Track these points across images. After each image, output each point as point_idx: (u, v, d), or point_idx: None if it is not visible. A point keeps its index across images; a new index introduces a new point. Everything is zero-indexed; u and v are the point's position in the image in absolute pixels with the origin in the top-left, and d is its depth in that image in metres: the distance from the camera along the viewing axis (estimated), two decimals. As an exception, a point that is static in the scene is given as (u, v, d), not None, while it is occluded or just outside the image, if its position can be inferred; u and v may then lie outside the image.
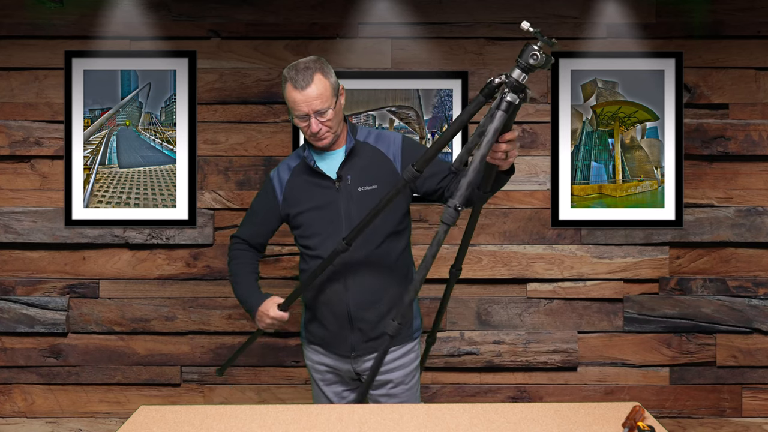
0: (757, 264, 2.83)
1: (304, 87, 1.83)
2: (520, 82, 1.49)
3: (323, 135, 1.89)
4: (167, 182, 2.81)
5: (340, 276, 1.93)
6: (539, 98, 2.83)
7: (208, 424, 1.38)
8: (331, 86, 1.87)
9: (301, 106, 1.84)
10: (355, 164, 1.94)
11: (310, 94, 1.82)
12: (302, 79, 1.83)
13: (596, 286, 2.83)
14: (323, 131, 1.88)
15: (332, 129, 1.90)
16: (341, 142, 1.98)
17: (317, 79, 1.83)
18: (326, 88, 1.85)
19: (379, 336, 1.94)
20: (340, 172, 1.92)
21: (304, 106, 1.84)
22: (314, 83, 1.83)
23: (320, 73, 1.85)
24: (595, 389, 2.84)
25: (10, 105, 2.81)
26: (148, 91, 2.82)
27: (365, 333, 1.94)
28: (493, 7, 2.83)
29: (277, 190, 2.03)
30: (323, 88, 1.84)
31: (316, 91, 1.83)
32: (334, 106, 1.87)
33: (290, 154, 2.13)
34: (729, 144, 2.82)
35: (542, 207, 2.83)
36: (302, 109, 1.84)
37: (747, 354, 2.83)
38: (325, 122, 1.87)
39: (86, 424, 2.83)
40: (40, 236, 2.81)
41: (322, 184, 1.94)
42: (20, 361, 2.82)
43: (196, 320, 2.83)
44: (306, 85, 1.82)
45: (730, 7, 2.82)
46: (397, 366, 1.98)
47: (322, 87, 1.84)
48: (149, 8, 2.81)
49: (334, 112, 1.88)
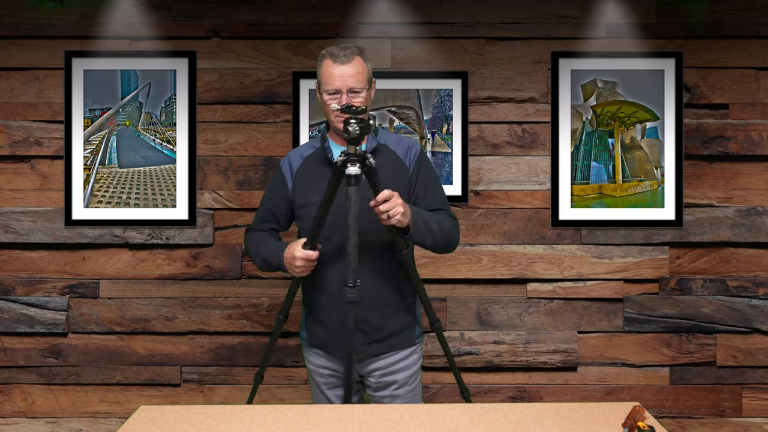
0: (757, 264, 2.83)
1: (344, 62, 1.85)
2: (355, 153, 1.74)
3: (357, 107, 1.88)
4: (167, 182, 2.81)
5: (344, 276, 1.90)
6: (539, 98, 2.83)
7: (208, 424, 1.38)
8: (368, 72, 1.91)
9: (335, 80, 1.85)
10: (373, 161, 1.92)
11: (348, 71, 1.85)
12: (343, 55, 1.86)
13: (596, 286, 2.83)
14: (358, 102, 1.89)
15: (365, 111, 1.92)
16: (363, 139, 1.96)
17: (357, 60, 1.87)
18: (364, 71, 1.89)
19: (383, 339, 1.93)
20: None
21: (339, 80, 1.85)
22: (354, 62, 1.86)
23: (360, 57, 1.89)
24: (595, 389, 2.84)
25: (10, 105, 2.81)
26: (148, 91, 2.82)
27: (369, 335, 1.92)
28: (493, 7, 2.83)
29: (287, 177, 2.01)
30: (361, 69, 1.88)
31: (355, 69, 1.86)
32: (366, 89, 1.90)
33: (303, 144, 2.10)
34: (729, 144, 2.82)
35: (542, 207, 2.83)
36: (336, 84, 1.86)
37: (747, 354, 2.83)
38: (356, 102, 1.87)
39: (86, 424, 2.83)
40: (40, 236, 2.81)
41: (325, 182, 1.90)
42: (20, 361, 2.82)
43: (196, 320, 2.83)
44: (346, 60, 1.86)
45: (730, 7, 2.82)
46: (402, 367, 1.97)
47: (361, 68, 1.88)
48: (149, 8, 2.81)
49: (366, 97, 1.90)
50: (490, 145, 2.83)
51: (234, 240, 2.82)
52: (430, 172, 2.02)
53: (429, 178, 2.00)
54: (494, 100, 2.83)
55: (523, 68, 2.83)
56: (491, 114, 2.83)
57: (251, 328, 2.82)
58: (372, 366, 1.96)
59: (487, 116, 2.83)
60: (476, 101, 2.82)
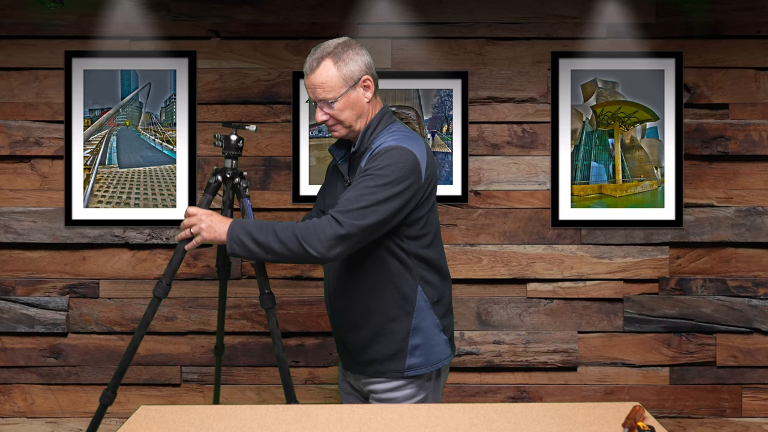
0: (757, 264, 2.83)
1: (308, 73, 1.73)
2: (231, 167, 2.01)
3: (332, 127, 1.78)
4: (167, 182, 2.81)
5: (327, 295, 1.86)
6: (539, 98, 2.83)
7: (208, 424, 1.38)
8: (341, 76, 1.71)
9: (307, 91, 1.76)
10: (357, 171, 1.76)
11: (313, 81, 1.72)
12: (308, 64, 1.73)
13: (596, 286, 2.83)
14: (330, 123, 1.77)
15: (344, 122, 1.76)
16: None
17: (324, 66, 1.71)
18: (331, 78, 1.71)
19: (369, 362, 1.78)
20: (350, 178, 1.81)
21: (309, 92, 1.76)
22: (318, 69, 1.71)
23: (331, 60, 1.71)
24: (595, 389, 2.84)
25: (10, 105, 2.81)
26: (148, 91, 2.82)
27: (353, 354, 1.81)
28: (493, 7, 2.83)
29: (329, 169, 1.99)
30: (326, 77, 1.71)
31: (319, 79, 1.71)
32: (339, 97, 1.72)
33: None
34: (729, 144, 2.82)
35: (542, 207, 2.83)
36: (309, 95, 1.78)
37: (747, 354, 2.83)
38: (332, 113, 1.74)
39: (86, 424, 2.83)
40: (40, 236, 2.81)
41: (341, 184, 1.85)
42: (20, 361, 2.82)
43: (196, 320, 2.83)
44: (310, 70, 1.72)
45: (730, 7, 2.82)
46: (397, 398, 1.77)
47: (326, 76, 1.71)
48: (149, 8, 2.81)
49: (345, 104, 1.73)
50: (490, 145, 2.83)
51: (234, 240, 2.81)
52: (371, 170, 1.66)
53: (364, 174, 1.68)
54: (494, 100, 2.83)
55: (523, 68, 2.83)
56: (491, 114, 2.83)
57: (251, 328, 2.82)
58: (368, 387, 1.82)
59: (487, 116, 2.83)
60: (476, 101, 2.82)
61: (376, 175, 1.64)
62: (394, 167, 1.65)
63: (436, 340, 1.77)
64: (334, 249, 1.60)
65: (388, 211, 1.63)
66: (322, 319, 2.82)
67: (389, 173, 1.64)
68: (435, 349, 1.77)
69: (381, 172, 1.64)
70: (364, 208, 1.61)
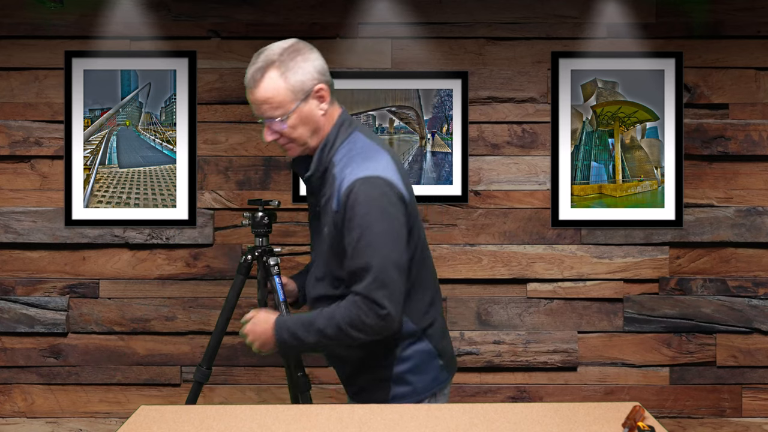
0: (757, 264, 2.83)
1: (251, 87, 1.49)
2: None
3: (285, 146, 1.56)
4: (167, 182, 2.81)
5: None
6: (539, 98, 2.83)
7: (208, 424, 1.38)
8: (289, 88, 1.48)
9: (252, 107, 1.52)
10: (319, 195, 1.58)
11: (257, 97, 1.49)
12: (251, 76, 1.49)
13: (596, 286, 2.83)
14: (282, 141, 1.54)
15: (298, 140, 1.53)
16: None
17: (268, 78, 1.47)
18: (278, 92, 1.47)
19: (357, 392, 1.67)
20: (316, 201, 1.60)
21: (253, 108, 1.52)
22: (263, 83, 1.47)
23: (276, 70, 1.47)
24: (595, 389, 2.84)
25: (10, 105, 2.81)
26: (148, 91, 2.82)
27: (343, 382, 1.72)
28: (493, 7, 2.83)
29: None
30: (273, 91, 1.47)
31: (263, 94, 1.48)
32: (289, 113, 1.49)
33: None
34: (729, 144, 2.82)
35: (542, 207, 2.83)
36: (255, 112, 1.53)
37: (747, 354, 2.83)
38: (283, 131, 1.51)
39: (86, 424, 2.83)
40: (40, 236, 2.81)
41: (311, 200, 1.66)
42: (20, 361, 2.82)
43: (196, 320, 2.83)
44: (253, 83, 1.48)
45: (730, 7, 2.82)
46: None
47: (272, 89, 1.47)
48: (149, 8, 2.81)
49: (298, 120, 1.50)
50: (490, 145, 2.83)
51: (234, 240, 2.82)
52: (355, 224, 1.45)
53: (352, 230, 1.46)
54: (494, 100, 2.83)
55: (523, 68, 2.83)
56: (491, 114, 2.83)
57: (251, 328, 2.82)
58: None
59: (487, 116, 2.83)
60: (476, 101, 2.82)
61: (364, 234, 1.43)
62: (375, 211, 1.44)
63: (427, 367, 1.60)
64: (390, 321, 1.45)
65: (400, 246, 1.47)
66: (322, 319, 2.82)
67: (373, 220, 1.44)
68: (425, 377, 1.61)
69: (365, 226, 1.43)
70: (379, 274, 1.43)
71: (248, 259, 2.30)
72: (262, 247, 2.29)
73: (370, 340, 1.49)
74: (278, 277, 2.28)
